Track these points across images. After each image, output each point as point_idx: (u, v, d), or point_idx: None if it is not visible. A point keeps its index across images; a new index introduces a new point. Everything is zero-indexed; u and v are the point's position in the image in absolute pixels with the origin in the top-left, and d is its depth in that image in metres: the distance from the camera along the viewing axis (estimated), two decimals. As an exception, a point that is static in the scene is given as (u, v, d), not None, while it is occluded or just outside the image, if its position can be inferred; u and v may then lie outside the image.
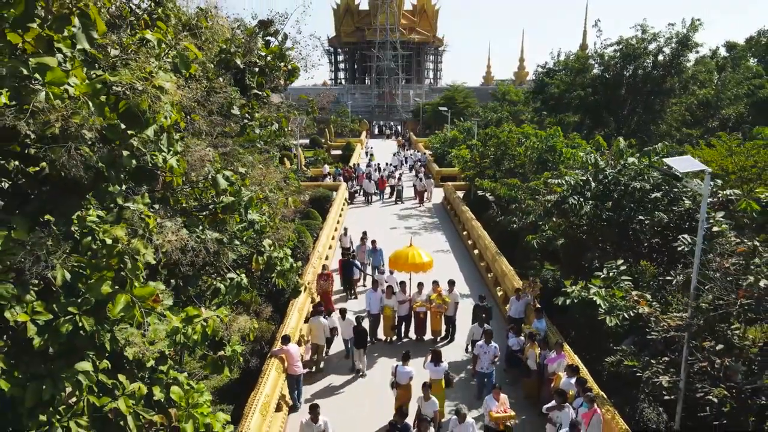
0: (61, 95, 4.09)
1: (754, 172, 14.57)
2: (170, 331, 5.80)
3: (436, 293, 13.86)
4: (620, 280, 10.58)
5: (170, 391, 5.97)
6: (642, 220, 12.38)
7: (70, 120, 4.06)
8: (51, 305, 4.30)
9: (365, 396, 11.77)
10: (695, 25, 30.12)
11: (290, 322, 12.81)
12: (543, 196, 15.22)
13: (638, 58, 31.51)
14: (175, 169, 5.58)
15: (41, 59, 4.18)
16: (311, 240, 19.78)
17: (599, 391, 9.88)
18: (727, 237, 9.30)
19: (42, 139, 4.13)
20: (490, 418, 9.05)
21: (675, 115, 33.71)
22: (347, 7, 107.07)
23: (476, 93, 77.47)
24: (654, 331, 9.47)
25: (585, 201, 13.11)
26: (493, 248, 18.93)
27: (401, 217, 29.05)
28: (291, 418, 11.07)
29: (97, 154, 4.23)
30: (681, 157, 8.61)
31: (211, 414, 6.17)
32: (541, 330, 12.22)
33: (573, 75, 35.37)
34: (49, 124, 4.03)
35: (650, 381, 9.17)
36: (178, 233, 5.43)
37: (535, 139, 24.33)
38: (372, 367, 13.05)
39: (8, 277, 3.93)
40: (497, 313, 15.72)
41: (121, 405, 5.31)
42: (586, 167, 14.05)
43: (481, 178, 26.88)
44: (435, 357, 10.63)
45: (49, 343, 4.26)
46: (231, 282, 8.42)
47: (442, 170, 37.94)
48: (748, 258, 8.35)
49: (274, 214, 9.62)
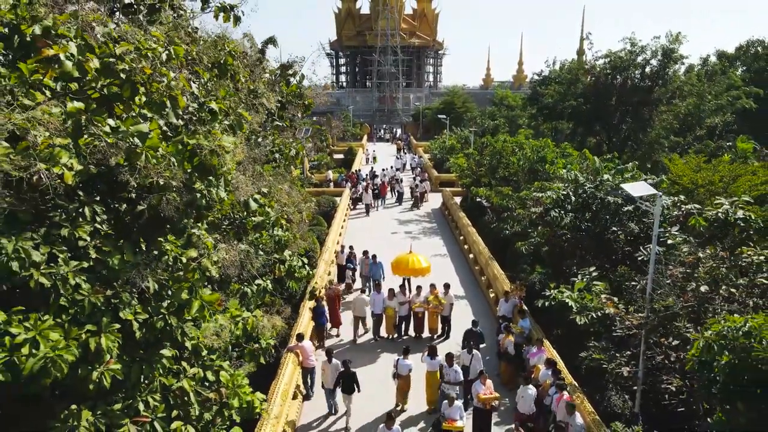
0: (156, 155, 5.67)
1: (720, 186, 16.13)
2: (218, 327, 7.42)
3: (433, 295, 15.45)
4: (592, 285, 12.15)
5: (219, 374, 7.56)
6: (615, 230, 13.95)
7: (163, 174, 5.65)
8: (146, 307, 5.89)
9: (371, 384, 13.31)
10: (678, 39, 31.72)
11: (303, 321, 14.41)
12: (531, 207, 16.80)
13: (626, 69, 33.09)
14: (225, 201, 7.18)
15: (139, 127, 5.76)
16: (318, 246, 21.35)
17: (572, 381, 11.46)
18: (680, 248, 10.88)
19: (142, 188, 5.71)
20: (478, 399, 10.67)
21: (663, 123, 35.26)
22: (349, 12, 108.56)
23: (475, 98, 79.00)
24: (618, 328, 11.09)
25: (566, 213, 14.70)
26: (486, 253, 20.51)
27: (401, 222, 30.61)
28: (305, 405, 12.67)
29: (181, 198, 5.82)
30: (635, 183, 10.13)
31: (251, 393, 7.75)
32: (526, 328, 13.82)
33: (566, 85, 36.98)
34: (149, 177, 5.61)
35: (614, 372, 10.77)
36: (229, 252, 7.03)
37: (527, 150, 25.91)
38: (376, 361, 14.63)
39: (126, 288, 5.50)
40: (489, 312, 17.33)
41: (185, 384, 6.89)
42: (567, 182, 15.63)
43: (477, 185, 28.46)
44: (431, 352, 12.24)
45: (146, 336, 5.86)
46: (258, 287, 10.05)
47: (441, 176, 39.51)
48: (693, 267, 9.93)
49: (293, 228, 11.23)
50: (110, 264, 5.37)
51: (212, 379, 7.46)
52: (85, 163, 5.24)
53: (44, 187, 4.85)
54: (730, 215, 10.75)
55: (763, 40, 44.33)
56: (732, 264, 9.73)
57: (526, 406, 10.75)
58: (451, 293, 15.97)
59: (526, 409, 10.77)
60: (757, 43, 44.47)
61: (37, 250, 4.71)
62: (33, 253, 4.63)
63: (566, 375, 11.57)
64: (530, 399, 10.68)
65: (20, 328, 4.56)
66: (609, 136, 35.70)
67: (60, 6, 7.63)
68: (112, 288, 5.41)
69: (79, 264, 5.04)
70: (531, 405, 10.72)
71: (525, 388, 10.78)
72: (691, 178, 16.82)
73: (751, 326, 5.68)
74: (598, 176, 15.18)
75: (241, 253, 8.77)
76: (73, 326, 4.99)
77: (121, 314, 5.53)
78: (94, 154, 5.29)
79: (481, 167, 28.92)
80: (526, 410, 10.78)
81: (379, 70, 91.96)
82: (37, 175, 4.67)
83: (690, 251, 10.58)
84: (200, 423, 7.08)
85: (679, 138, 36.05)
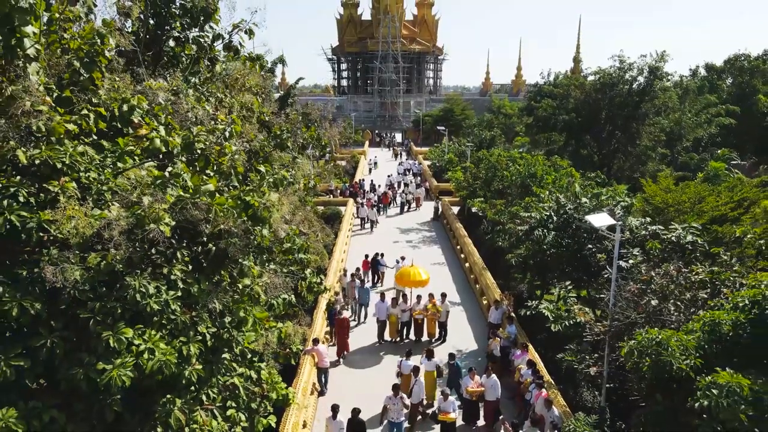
0: (222, 209, 7.65)
1: (687, 206, 18.11)
2: (259, 335, 9.42)
3: (431, 304, 17.45)
4: (568, 297, 14.13)
5: (260, 373, 9.55)
6: (591, 248, 15.93)
7: (227, 223, 7.63)
8: (215, 323, 7.87)
9: (378, 381, 15.28)
10: (664, 57, 33.73)
11: (317, 327, 16.41)
12: (520, 224, 18.77)
13: (615, 86, 35.07)
14: (266, 238, 9.16)
15: (207, 187, 7.74)
16: (327, 256, 23.32)
17: (549, 379, 13.44)
18: (640, 267, 12.86)
19: (212, 234, 7.69)
20: (467, 392, 12.68)
21: (651, 136, 37.23)
22: (350, 18, 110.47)
23: (474, 104, 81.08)
24: (588, 335, 13.06)
25: (548, 232, 16.68)
26: (480, 263, 22.49)
27: (402, 231, 32.61)
28: (320, 401, 14.66)
29: (241, 240, 7.79)
30: (597, 214, 12.07)
31: (285, 388, 9.75)
32: (512, 333, 15.81)
33: (558, 99, 38.99)
34: (217, 225, 7.59)
35: (583, 371, 12.74)
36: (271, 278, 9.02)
37: (519, 166, 27.88)
38: (380, 362, 16.63)
39: (203, 309, 7.48)
40: (480, 317, 19.33)
41: (236, 381, 8.87)
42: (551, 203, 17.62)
43: (473, 197, 30.44)
44: (428, 354, 14.24)
45: (216, 344, 7.84)
46: (284, 300, 12.04)
47: (440, 185, 41.49)
48: (647, 284, 11.91)
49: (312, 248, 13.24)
50: (192, 292, 7.36)
51: (255, 377, 9.45)
52: (176, 218, 7.22)
53: (150, 237, 6.84)
54: (682, 239, 12.73)
55: (749, 54, 46.41)
56: (679, 281, 11.70)
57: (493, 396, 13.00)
58: (447, 302, 17.97)
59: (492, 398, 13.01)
60: (743, 57, 46.52)
61: (149, 285, 6.68)
62: (149, 287, 6.61)
63: (544, 374, 13.55)
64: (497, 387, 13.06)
65: (140, 340, 6.54)
66: (600, 148, 37.67)
67: (135, 76, 9.62)
68: (194, 309, 7.40)
69: (174, 293, 7.02)
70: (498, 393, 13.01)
71: (489, 379, 12.94)
72: (662, 198, 18.79)
73: (662, 338, 7.61)
74: (577, 199, 17.16)
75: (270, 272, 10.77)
76: (171, 338, 6.97)
77: (200, 328, 7.51)
78: (182, 211, 7.27)
79: (476, 180, 30.87)
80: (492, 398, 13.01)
81: (380, 77, 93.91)
82: (150, 231, 6.64)
83: (647, 270, 12.56)
84: (247, 411, 9.07)
85: (665, 150, 38.03)
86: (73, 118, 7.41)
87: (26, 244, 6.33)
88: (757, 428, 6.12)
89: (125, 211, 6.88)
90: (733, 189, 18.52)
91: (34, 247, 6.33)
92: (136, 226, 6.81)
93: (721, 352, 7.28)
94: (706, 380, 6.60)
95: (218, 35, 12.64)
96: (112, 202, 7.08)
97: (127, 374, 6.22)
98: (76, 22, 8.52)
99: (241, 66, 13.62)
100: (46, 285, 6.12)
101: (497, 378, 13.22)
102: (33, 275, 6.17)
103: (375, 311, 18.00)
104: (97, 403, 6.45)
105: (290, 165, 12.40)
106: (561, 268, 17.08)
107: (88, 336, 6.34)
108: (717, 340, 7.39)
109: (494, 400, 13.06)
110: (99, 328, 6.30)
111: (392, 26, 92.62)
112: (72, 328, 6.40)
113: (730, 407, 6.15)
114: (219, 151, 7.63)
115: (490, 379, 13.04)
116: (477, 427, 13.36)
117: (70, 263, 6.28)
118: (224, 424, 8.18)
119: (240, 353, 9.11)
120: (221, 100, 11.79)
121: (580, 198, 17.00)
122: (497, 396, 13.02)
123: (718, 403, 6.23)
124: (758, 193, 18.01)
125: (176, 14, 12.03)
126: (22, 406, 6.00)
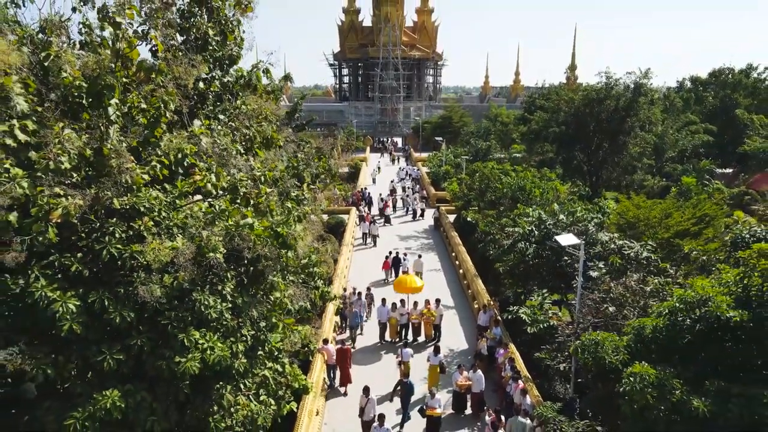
0: (259, 239, 9.87)
1: (656, 221, 20.33)
2: (284, 336, 11.66)
3: (426, 309, 19.68)
4: (544, 303, 16.34)
5: (285, 367, 11.78)
6: (566, 259, 18.15)
7: (263, 249, 9.85)
8: (253, 327, 10.10)
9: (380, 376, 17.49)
10: (648, 75, 35.99)
11: (325, 329, 18.63)
12: (506, 237, 20.99)
13: (602, 102, 37.30)
14: (290, 259, 11.37)
15: (247, 221, 9.95)
16: (333, 265, 25.55)
17: (526, 374, 15.65)
18: (603, 278, 15.08)
19: (252, 258, 9.91)
20: (456, 385, 14.89)
21: (637, 148, 39.45)
22: (351, 24, 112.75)
23: (472, 110, 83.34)
24: (558, 336, 15.27)
25: (530, 244, 18.91)
26: (472, 270, 24.71)
27: (402, 238, 34.81)
28: (329, 394, 16.90)
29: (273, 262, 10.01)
30: (565, 234, 14.28)
31: (305, 380, 11.97)
32: (497, 334, 18.03)
33: (550, 113, 41.27)
34: (256, 251, 9.81)
35: (554, 367, 14.96)
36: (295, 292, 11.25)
37: (510, 178, 30.12)
38: (381, 360, 18.87)
39: (245, 317, 9.68)
40: (471, 320, 21.55)
41: (267, 373, 11.10)
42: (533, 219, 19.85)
43: (468, 207, 32.69)
44: (435, 350, 16.55)
45: (254, 344, 10.06)
46: (301, 307, 14.26)
47: (438, 193, 43.76)
48: (606, 293, 14.13)
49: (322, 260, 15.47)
50: (238, 303, 9.59)
51: (281, 370, 11.68)
52: (226, 246, 9.44)
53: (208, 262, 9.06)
54: (639, 255, 14.96)
55: (733, 68, 48.66)
56: (635, 291, 13.92)
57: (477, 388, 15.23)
58: (441, 306, 20.21)
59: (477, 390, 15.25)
60: (727, 70, 48.76)
61: (209, 298, 8.90)
62: (209, 300, 8.82)
63: (522, 369, 15.76)
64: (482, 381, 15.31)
65: (203, 339, 8.75)
66: (588, 159, 39.90)
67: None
68: (239, 317, 9.63)
69: (226, 304, 9.23)
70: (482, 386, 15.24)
71: (475, 374, 15.14)
72: (634, 213, 21.00)
73: (599, 339, 9.80)
74: (555, 215, 19.39)
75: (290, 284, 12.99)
76: (224, 339, 9.20)
77: (243, 331, 9.74)
78: (230, 240, 9.49)
79: (471, 191, 33.10)
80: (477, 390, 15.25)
81: (380, 84, 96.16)
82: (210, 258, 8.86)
83: (609, 281, 14.78)
84: (275, 397, 11.29)
85: (651, 161, 40.28)
86: (146, 168, 9.63)
87: (122, 269, 8.53)
88: (661, 405, 8.30)
89: (190, 242, 9.10)
90: (696, 206, 20.73)
91: (127, 271, 8.54)
92: (199, 254, 9.03)
93: (643, 350, 9.45)
94: (627, 371, 8.78)
95: (241, 76, 14.88)
96: (178, 235, 9.30)
97: (196, 365, 8.45)
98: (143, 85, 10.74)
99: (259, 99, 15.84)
100: (137, 299, 8.33)
101: (482, 373, 15.46)
102: (128, 292, 8.39)
103: (377, 315, 20.23)
104: (173, 387, 8.68)
105: (307, 196, 14.63)
106: (542, 276, 19.30)
107: (167, 337, 8.56)
108: (641, 340, 9.57)
109: (479, 392, 15.28)
110: (175, 331, 8.53)
111: (392, 34, 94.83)
112: (155, 331, 8.62)
113: (640, 391, 8.32)
114: (257, 194, 9.85)
115: (476, 374, 15.25)
116: (465, 415, 15.60)
117: (153, 283, 8.50)
118: (259, 406, 10.40)
119: (269, 351, 11.36)
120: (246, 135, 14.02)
121: (558, 215, 19.21)
122: (482, 388, 15.26)
123: (633, 388, 8.42)
124: (717, 210, 20.22)
125: (208, 61, 14.26)
126: (121, 388, 8.22)
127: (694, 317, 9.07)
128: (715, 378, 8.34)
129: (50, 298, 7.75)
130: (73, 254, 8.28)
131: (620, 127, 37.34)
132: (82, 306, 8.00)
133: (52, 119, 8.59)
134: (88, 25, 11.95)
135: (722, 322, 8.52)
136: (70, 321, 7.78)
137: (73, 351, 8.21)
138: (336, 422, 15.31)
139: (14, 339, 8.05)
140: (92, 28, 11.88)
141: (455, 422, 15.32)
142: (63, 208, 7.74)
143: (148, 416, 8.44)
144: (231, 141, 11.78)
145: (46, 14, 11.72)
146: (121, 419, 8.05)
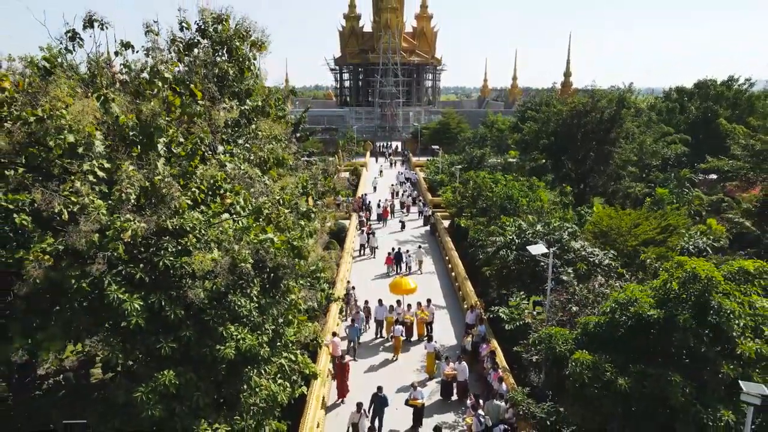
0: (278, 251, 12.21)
1: (626, 230, 22.68)
2: (297, 331, 14.03)
3: (420, 309, 22.05)
4: (521, 303, 18.69)
5: (297, 356, 14.12)
6: (543, 265, 20.49)
7: (282, 259, 12.20)
8: (273, 322, 12.44)
9: (378, 367, 19.82)
10: (631, 89, 38.36)
11: (330, 324, 20.99)
12: (491, 244, 23.33)
13: (588, 114, 39.66)
14: (303, 266, 13.72)
15: (268, 236, 12.28)
16: (335, 268, 27.89)
17: (505, 365, 18.00)
18: (572, 283, 17.42)
19: (273, 267, 12.25)
20: (443, 375, 17.25)
21: (622, 157, 41.77)
22: (352, 30, 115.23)
23: (469, 116, 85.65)
24: (533, 331, 17.60)
25: (511, 252, 21.26)
26: (462, 273, 27.05)
27: (401, 242, 37.13)
28: (333, 384, 19.23)
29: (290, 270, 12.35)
30: (536, 245, 16.62)
31: (315, 367, 14.30)
32: (482, 331, 20.38)
33: (540, 124, 43.65)
34: (275, 261, 12.16)
35: (528, 359, 17.29)
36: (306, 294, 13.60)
37: (500, 187, 32.44)
38: (378, 354, 21.21)
39: (269, 315, 12.01)
40: (460, 319, 23.90)
41: (284, 362, 13.45)
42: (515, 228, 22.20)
43: (461, 213, 35.02)
44: (429, 339, 18.96)
45: (274, 336, 12.40)
46: (309, 306, 16.61)
47: (434, 199, 46.11)
48: (572, 295, 16.47)
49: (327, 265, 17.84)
50: (262, 303, 11.93)
51: (294, 359, 14.03)
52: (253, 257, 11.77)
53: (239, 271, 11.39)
54: (602, 261, 17.30)
55: (716, 80, 50.99)
56: (594, 293, 16.27)
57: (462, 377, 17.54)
58: (432, 306, 22.58)
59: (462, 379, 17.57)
60: (710, 82, 51.12)
61: (241, 299, 11.23)
62: (241, 301, 11.16)
63: (501, 361, 18.11)
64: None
65: (237, 332, 11.08)
66: (576, 167, 42.26)
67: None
68: (263, 314, 11.98)
69: (253, 304, 11.57)
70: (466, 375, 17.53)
71: (460, 365, 17.47)
72: (607, 222, 23.35)
73: (553, 332, 12.12)
74: (533, 226, 21.74)
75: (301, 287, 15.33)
76: (252, 332, 11.54)
77: (266, 326, 12.09)
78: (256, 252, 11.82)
79: (464, 199, 35.43)
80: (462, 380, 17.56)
81: (380, 90, 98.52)
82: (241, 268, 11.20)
83: (577, 284, 17.13)
84: (290, 381, 13.61)
85: (634, 169, 42.64)
86: (188, 194, 11.97)
87: (174, 276, 10.87)
88: (595, 384, 10.64)
89: (225, 254, 11.45)
90: (662, 217, 23.08)
91: (178, 278, 10.88)
92: (232, 264, 11.37)
93: (587, 341, 11.77)
94: (572, 358, 11.11)
95: (256, 105, 17.23)
96: (214, 248, 11.64)
97: (232, 352, 10.79)
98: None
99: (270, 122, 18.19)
100: (186, 300, 10.67)
101: (467, 364, 17.79)
102: (179, 294, 10.72)
103: (375, 313, 22.57)
104: (213, 370, 11.03)
105: (315, 211, 16.98)
106: (522, 280, 21.66)
107: (209, 330, 10.90)
108: (586, 333, 11.91)
109: (463, 381, 17.62)
110: (215, 325, 10.87)
111: (392, 41, 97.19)
112: (199, 325, 10.96)
113: (579, 372, 10.64)
114: (277, 215, 12.19)
115: (460, 365, 17.59)
116: (452, 401, 17.94)
117: (198, 287, 10.84)
118: (278, 388, 12.73)
119: (285, 342, 13.71)
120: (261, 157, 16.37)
121: (535, 225, 21.57)
122: (465, 377, 17.59)
123: (574, 370, 10.74)
124: (680, 221, 22.57)
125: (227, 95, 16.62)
126: (175, 370, 10.55)
127: (627, 315, 11.42)
128: (637, 363, 10.68)
129: (121, 299, 10.09)
130: (137, 265, 10.62)
131: (605, 138, 39.68)
132: (144, 305, 10.34)
133: (119, 158, 10.94)
134: (129, 66, 14.46)
135: (644, 319, 10.86)
136: (136, 317, 10.11)
137: (138, 341, 10.55)
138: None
139: (94, 330, 10.40)
140: (132, 68, 14.39)
141: (443, 407, 17.68)
142: (132, 230, 10.08)
143: (194, 392, 10.78)
144: (249, 165, 14.16)
145: (92, 55, 14.18)
146: (174, 394, 10.40)
